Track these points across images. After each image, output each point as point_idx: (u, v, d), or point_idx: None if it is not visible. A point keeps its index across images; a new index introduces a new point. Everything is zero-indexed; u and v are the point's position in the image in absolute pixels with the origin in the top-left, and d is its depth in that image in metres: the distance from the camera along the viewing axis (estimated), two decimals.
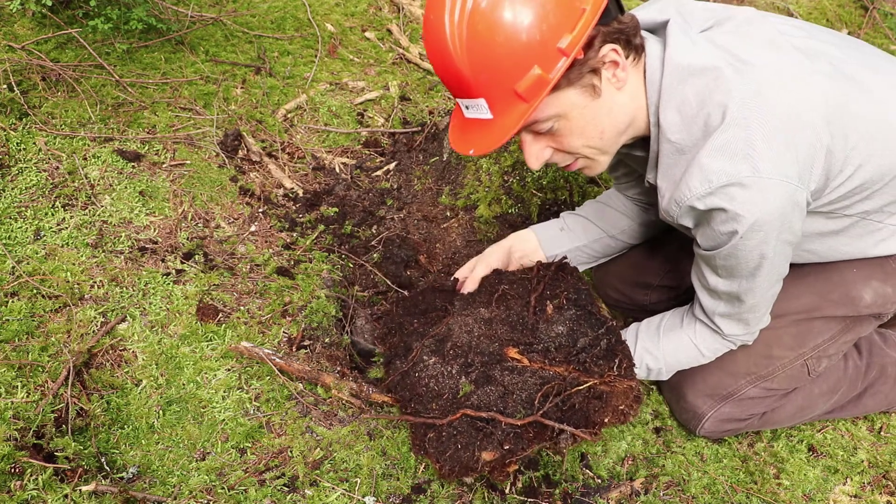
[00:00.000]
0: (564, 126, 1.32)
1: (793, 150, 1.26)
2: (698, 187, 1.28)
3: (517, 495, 1.50)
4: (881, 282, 1.59)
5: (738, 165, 1.24)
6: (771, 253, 1.34)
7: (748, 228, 1.27)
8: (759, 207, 1.25)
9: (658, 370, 1.64)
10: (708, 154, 1.26)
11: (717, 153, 1.26)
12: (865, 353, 1.80)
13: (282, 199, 2.17)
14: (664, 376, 1.67)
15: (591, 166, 1.44)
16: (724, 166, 1.25)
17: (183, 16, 2.49)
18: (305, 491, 1.42)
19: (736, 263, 1.37)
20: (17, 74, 2.06)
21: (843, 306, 1.61)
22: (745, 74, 1.28)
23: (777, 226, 1.29)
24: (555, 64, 1.21)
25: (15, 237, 1.74)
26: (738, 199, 1.25)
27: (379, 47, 2.84)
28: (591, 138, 1.35)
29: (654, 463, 1.65)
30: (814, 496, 1.66)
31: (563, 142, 1.36)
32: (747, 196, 1.24)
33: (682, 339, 1.60)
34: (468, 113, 1.32)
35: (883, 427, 1.87)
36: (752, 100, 1.26)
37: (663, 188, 1.39)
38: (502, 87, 1.23)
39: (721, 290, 1.46)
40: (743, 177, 1.24)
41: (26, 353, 1.52)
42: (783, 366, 1.64)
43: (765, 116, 1.25)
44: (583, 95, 1.29)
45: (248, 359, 1.64)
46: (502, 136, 1.25)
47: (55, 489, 1.30)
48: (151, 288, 1.73)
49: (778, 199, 1.26)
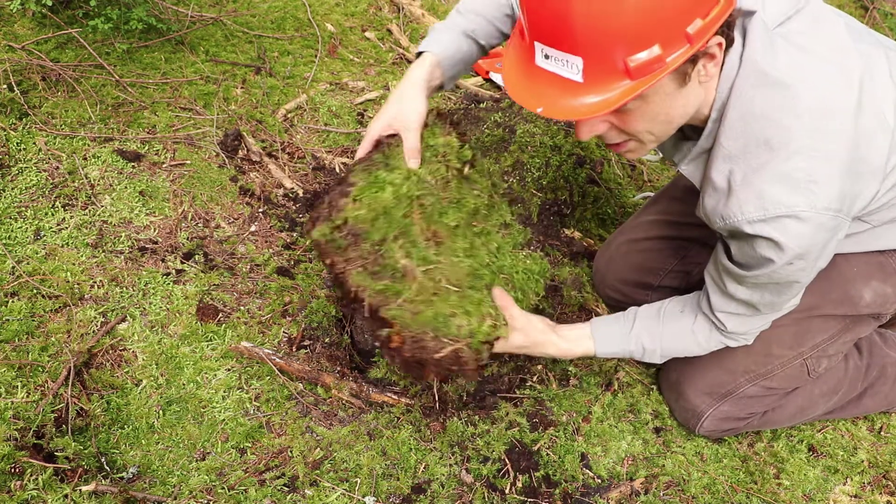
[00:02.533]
0: (640, 108, 1.20)
1: (849, 186, 1.25)
2: (752, 212, 1.25)
3: (517, 495, 1.50)
4: (881, 282, 1.59)
5: (797, 198, 1.22)
6: (804, 278, 1.35)
7: (791, 258, 1.26)
8: (807, 241, 1.24)
9: (653, 350, 1.58)
10: (768, 181, 1.23)
11: (777, 181, 1.23)
12: (866, 354, 1.80)
13: (282, 199, 2.17)
14: (657, 359, 1.61)
15: (638, 150, 1.35)
16: (783, 197, 1.22)
17: (183, 16, 2.49)
18: (305, 491, 1.42)
19: (766, 283, 1.36)
20: (17, 74, 2.05)
21: (842, 305, 1.61)
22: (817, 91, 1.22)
23: (817, 254, 1.30)
24: (677, 48, 1.09)
25: (15, 237, 1.74)
26: (790, 231, 1.23)
27: (379, 47, 2.84)
28: (657, 124, 1.26)
29: (654, 463, 1.65)
30: (814, 496, 1.66)
31: (629, 123, 1.24)
32: (800, 230, 1.23)
33: (683, 326, 1.57)
34: (547, 64, 1.13)
35: (883, 427, 1.87)
36: (820, 130, 1.21)
37: (705, 187, 1.36)
38: (611, 54, 1.08)
39: (739, 298, 1.44)
40: (799, 210, 1.22)
41: (26, 353, 1.52)
42: (782, 364, 1.64)
43: (831, 152, 1.22)
44: (673, 82, 1.18)
45: (248, 359, 1.64)
46: (596, 109, 1.10)
47: (55, 489, 1.30)
48: (151, 288, 1.73)
49: (825, 232, 1.25)
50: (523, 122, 2.33)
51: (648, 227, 1.95)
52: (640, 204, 2.43)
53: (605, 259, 1.97)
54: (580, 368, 1.82)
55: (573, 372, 1.80)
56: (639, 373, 1.87)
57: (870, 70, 1.29)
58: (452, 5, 3.27)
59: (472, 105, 2.52)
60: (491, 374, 1.75)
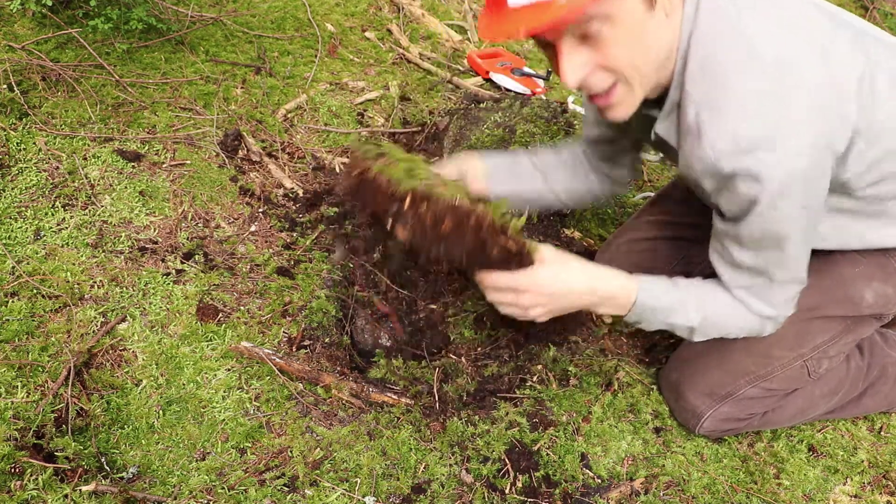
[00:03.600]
0: (612, 33, 1.20)
1: (823, 115, 1.23)
2: (724, 147, 1.23)
3: (517, 495, 1.50)
4: (882, 282, 1.58)
5: (766, 129, 1.20)
6: (797, 218, 1.30)
7: (775, 192, 1.23)
8: (786, 170, 1.21)
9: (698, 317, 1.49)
10: (734, 113, 1.22)
11: (743, 113, 1.22)
12: (867, 354, 1.80)
13: (282, 199, 2.17)
14: (696, 324, 1.50)
15: (625, 100, 1.32)
16: (752, 129, 1.21)
17: (183, 16, 2.49)
18: (305, 491, 1.42)
19: (762, 232, 1.32)
20: (17, 74, 2.06)
21: (843, 306, 1.61)
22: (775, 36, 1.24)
23: (803, 190, 1.25)
24: None
25: (15, 237, 1.74)
26: (765, 161, 1.21)
27: (379, 47, 2.84)
28: (636, 55, 1.24)
29: (654, 463, 1.65)
30: (814, 496, 1.66)
31: (608, 52, 1.23)
32: (775, 159, 1.21)
33: (726, 298, 1.49)
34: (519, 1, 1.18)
35: (883, 427, 1.87)
36: (782, 61, 1.22)
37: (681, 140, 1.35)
38: None
39: (746, 265, 1.40)
40: (770, 138, 1.20)
41: (26, 353, 1.52)
42: (782, 366, 1.64)
43: (796, 80, 1.21)
44: (640, 3, 1.19)
45: (248, 359, 1.64)
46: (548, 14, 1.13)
47: (55, 489, 1.30)
48: (151, 288, 1.73)
49: (805, 161, 1.22)
50: (523, 122, 2.34)
51: (648, 227, 1.95)
52: (640, 204, 2.43)
53: (605, 259, 1.97)
54: (580, 368, 1.82)
55: (573, 372, 1.80)
56: (639, 373, 1.87)
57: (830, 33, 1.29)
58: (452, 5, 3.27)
59: (472, 105, 2.52)
60: (491, 374, 1.75)
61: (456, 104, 2.61)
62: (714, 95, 1.26)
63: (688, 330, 1.53)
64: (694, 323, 1.50)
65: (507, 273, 1.40)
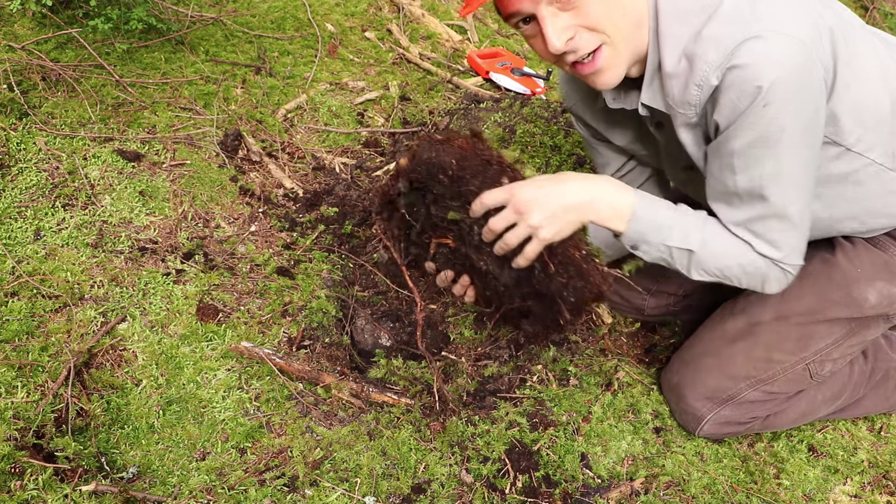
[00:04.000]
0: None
1: (801, 19, 1.24)
2: (715, 56, 1.24)
3: (517, 495, 1.50)
4: (887, 282, 1.55)
5: (752, 25, 1.22)
6: (790, 125, 1.26)
7: (769, 86, 1.21)
8: (777, 62, 1.21)
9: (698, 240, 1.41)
10: (719, 25, 1.24)
11: (727, 22, 1.24)
12: (871, 358, 1.78)
13: (282, 199, 2.17)
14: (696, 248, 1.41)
15: (611, 64, 1.33)
16: (738, 29, 1.22)
17: (183, 16, 2.49)
18: (305, 491, 1.42)
19: (754, 139, 1.28)
20: (17, 74, 2.06)
21: (846, 307, 1.57)
22: None
23: (796, 87, 1.24)
24: None
25: (15, 237, 1.74)
26: (754, 51, 1.21)
27: (379, 47, 2.84)
28: (614, 10, 1.28)
29: (654, 463, 1.65)
30: (814, 496, 1.66)
31: (588, 11, 1.27)
32: (763, 48, 1.21)
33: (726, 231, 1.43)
34: None
35: (883, 427, 1.87)
36: None
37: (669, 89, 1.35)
38: None
39: (740, 189, 1.35)
40: (759, 30, 1.21)
41: (26, 353, 1.52)
42: (784, 370, 1.62)
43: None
44: None
45: (248, 359, 1.64)
46: None
47: (55, 489, 1.30)
48: (151, 288, 1.73)
49: (795, 56, 1.22)
50: (523, 122, 2.34)
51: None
52: None
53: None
54: (580, 368, 1.82)
55: (573, 372, 1.80)
56: (639, 373, 1.87)
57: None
58: (452, 5, 3.27)
59: (472, 105, 2.52)
60: (491, 374, 1.75)
61: (456, 104, 2.62)
62: (693, 25, 1.27)
63: (687, 255, 1.42)
64: (694, 245, 1.41)
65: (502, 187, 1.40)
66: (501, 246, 1.41)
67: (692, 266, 1.43)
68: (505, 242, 1.40)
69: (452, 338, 1.82)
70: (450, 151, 1.45)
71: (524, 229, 1.37)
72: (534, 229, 1.37)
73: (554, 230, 1.37)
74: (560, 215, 1.36)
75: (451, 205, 1.46)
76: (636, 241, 1.43)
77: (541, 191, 1.37)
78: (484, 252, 1.48)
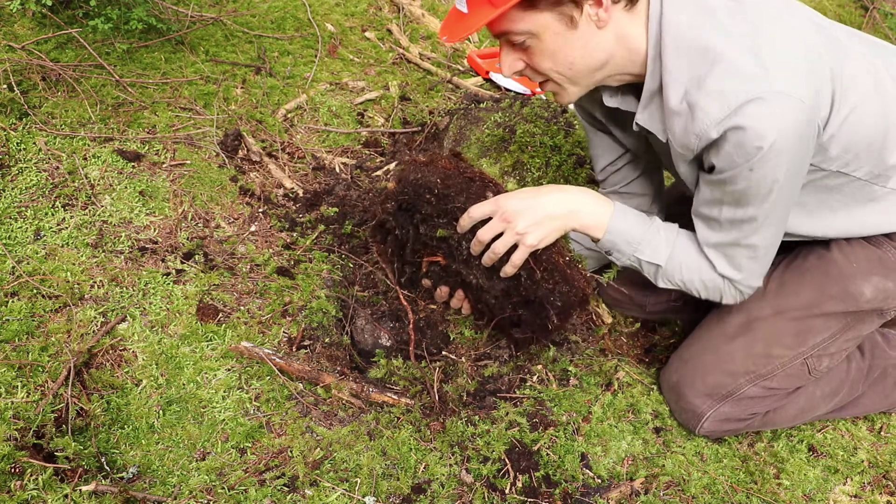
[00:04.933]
0: (536, 46, 1.37)
1: (802, 74, 1.28)
2: (717, 112, 1.27)
3: (517, 495, 1.50)
4: (882, 277, 1.57)
5: (753, 84, 1.25)
6: (783, 178, 1.32)
7: (768, 148, 1.26)
8: (777, 125, 1.25)
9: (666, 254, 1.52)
10: (721, 79, 1.27)
11: (730, 77, 1.27)
12: (868, 355, 1.79)
13: (282, 199, 2.17)
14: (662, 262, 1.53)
15: (560, 93, 1.48)
16: (740, 86, 1.26)
17: (183, 16, 2.49)
18: (305, 491, 1.42)
19: (747, 188, 1.34)
20: (17, 74, 2.06)
21: (842, 302, 1.60)
22: (742, 14, 1.32)
23: (793, 147, 1.29)
24: None
25: (15, 237, 1.74)
26: (756, 115, 1.25)
27: (379, 47, 2.84)
28: (560, 65, 1.40)
29: (654, 463, 1.65)
30: (814, 496, 1.66)
31: (533, 60, 1.41)
32: (766, 112, 1.25)
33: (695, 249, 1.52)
34: (458, 4, 1.38)
35: (883, 427, 1.87)
36: (753, 32, 1.29)
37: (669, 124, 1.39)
38: None
39: (723, 218, 1.43)
40: (760, 93, 1.24)
41: (26, 353, 1.52)
42: (783, 365, 1.64)
43: (770, 44, 1.28)
44: (559, 22, 1.33)
45: (248, 359, 1.64)
46: (466, 30, 1.34)
47: (55, 489, 1.30)
48: (151, 288, 1.73)
49: (795, 118, 1.26)
50: (523, 122, 2.34)
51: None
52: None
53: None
54: (580, 368, 1.82)
55: (573, 372, 1.80)
56: (639, 373, 1.87)
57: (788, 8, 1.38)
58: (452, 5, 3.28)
59: (472, 105, 2.52)
60: (491, 374, 1.75)
61: (456, 104, 2.62)
62: (697, 68, 1.31)
63: (654, 267, 1.54)
64: (661, 261, 1.53)
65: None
66: (490, 256, 1.51)
67: (658, 276, 1.56)
68: (493, 251, 1.50)
69: (452, 338, 1.82)
70: (434, 171, 1.56)
71: (511, 237, 1.47)
72: (520, 236, 1.46)
73: (539, 236, 1.46)
74: (545, 223, 1.46)
75: (439, 222, 1.55)
76: (609, 248, 1.55)
77: (525, 201, 1.47)
78: (473, 266, 1.57)
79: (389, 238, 1.69)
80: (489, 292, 1.59)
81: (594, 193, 1.54)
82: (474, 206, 1.49)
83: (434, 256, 1.63)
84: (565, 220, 1.48)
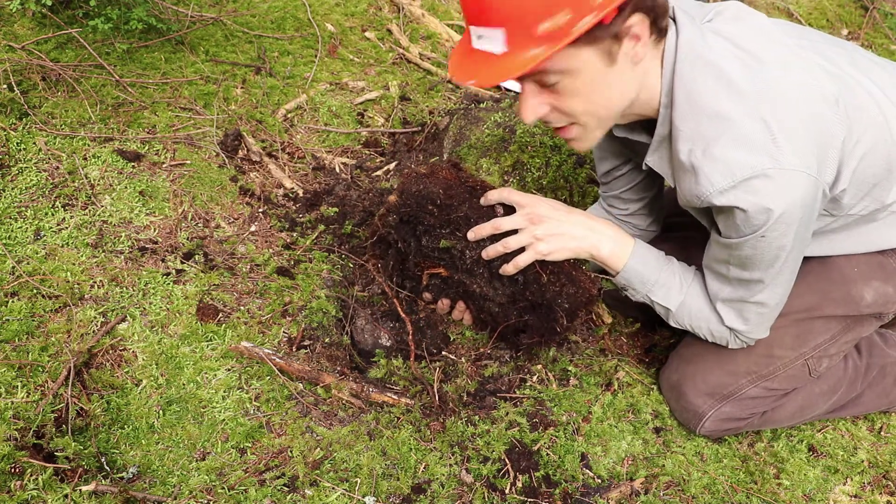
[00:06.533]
0: (570, 85, 1.27)
1: (811, 143, 1.26)
2: (721, 182, 1.26)
3: (517, 495, 1.50)
4: (882, 281, 1.59)
5: (760, 157, 1.23)
6: (790, 246, 1.34)
7: (773, 221, 1.26)
8: (783, 200, 1.24)
9: (677, 301, 1.56)
10: (728, 148, 1.25)
11: (736, 146, 1.25)
12: (865, 354, 1.80)
13: (282, 199, 2.17)
14: (674, 307, 1.57)
15: (582, 138, 1.40)
16: (746, 158, 1.24)
17: (183, 16, 2.49)
18: (305, 491, 1.42)
19: (753, 255, 1.36)
20: (17, 74, 2.06)
21: (843, 305, 1.61)
22: (755, 72, 1.28)
23: (799, 218, 1.29)
24: (584, 16, 1.15)
25: (15, 237, 1.74)
26: (762, 191, 1.24)
27: (379, 47, 2.84)
28: (594, 105, 1.31)
29: (654, 463, 1.65)
30: (814, 496, 1.66)
31: (564, 102, 1.30)
32: (772, 188, 1.24)
33: (706, 297, 1.56)
34: (478, 43, 1.25)
35: (883, 427, 1.87)
36: (765, 95, 1.26)
37: (677, 174, 1.39)
38: (524, 23, 1.16)
39: (732, 276, 1.46)
40: (766, 168, 1.23)
41: (26, 353, 1.52)
42: (784, 365, 1.65)
43: (780, 111, 1.25)
44: (599, 59, 1.23)
45: (248, 359, 1.64)
46: (510, 72, 1.20)
47: (55, 489, 1.30)
48: (151, 288, 1.73)
49: (801, 190, 1.25)
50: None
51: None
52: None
53: None
54: (580, 368, 1.82)
55: (573, 372, 1.80)
56: (639, 373, 1.87)
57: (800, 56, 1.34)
58: (452, 5, 3.27)
59: (472, 105, 2.52)
60: (491, 374, 1.75)
61: (456, 104, 2.62)
62: (704, 130, 1.29)
63: (664, 311, 1.60)
64: (672, 306, 1.57)
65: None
66: (497, 248, 1.49)
67: (669, 317, 1.61)
68: (504, 244, 1.48)
69: (452, 338, 1.82)
70: (435, 182, 1.57)
71: (527, 237, 1.48)
72: (535, 240, 1.47)
73: (552, 248, 1.48)
74: (562, 239, 1.48)
75: (441, 233, 1.55)
76: (624, 285, 1.58)
77: (555, 213, 1.49)
78: (476, 275, 1.57)
79: (390, 252, 1.69)
80: (494, 300, 1.59)
81: (618, 230, 1.56)
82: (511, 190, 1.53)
83: (436, 268, 1.64)
84: (581, 245, 1.50)
